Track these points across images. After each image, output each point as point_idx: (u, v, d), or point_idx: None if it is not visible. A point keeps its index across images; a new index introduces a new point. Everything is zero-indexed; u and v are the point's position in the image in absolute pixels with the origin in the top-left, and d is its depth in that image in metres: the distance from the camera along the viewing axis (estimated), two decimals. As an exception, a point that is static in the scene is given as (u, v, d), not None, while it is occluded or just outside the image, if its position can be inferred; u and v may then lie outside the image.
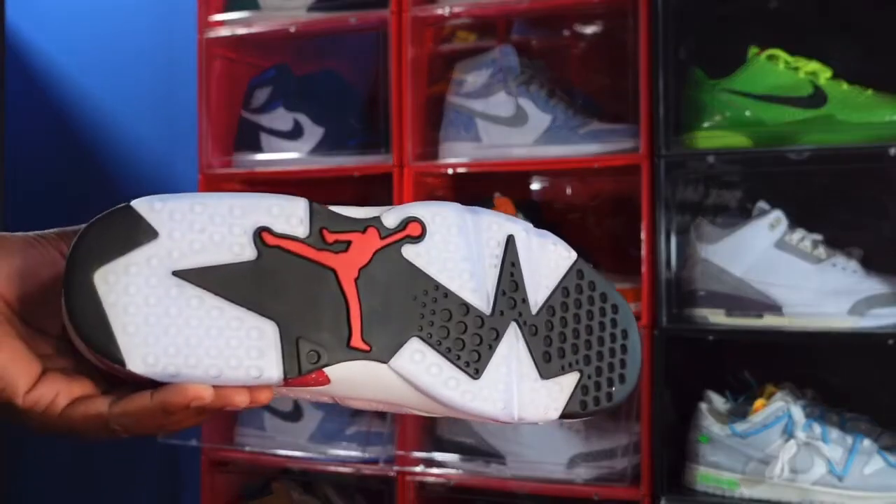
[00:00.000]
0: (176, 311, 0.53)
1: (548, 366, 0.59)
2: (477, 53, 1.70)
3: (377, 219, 0.57)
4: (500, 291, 0.58)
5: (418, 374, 0.56)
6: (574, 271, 0.60)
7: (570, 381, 0.59)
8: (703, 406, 1.47)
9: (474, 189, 1.72)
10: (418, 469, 1.63)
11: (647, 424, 1.48)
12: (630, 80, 1.54)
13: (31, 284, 0.57)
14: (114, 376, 0.57)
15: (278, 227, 0.55)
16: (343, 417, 1.73)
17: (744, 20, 1.64)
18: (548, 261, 0.60)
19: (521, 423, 0.59)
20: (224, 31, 1.79)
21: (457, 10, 1.64)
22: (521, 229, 0.60)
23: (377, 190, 1.72)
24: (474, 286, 0.58)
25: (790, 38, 1.53)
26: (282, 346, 0.54)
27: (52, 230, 0.60)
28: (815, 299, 1.44)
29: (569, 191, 1.80)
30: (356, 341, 0.55)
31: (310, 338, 0.54)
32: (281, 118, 1.79)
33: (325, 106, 1.80)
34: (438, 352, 0.57)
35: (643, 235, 1.49)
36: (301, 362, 0.54)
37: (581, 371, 0.59)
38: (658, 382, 1.48)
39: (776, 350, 1.58)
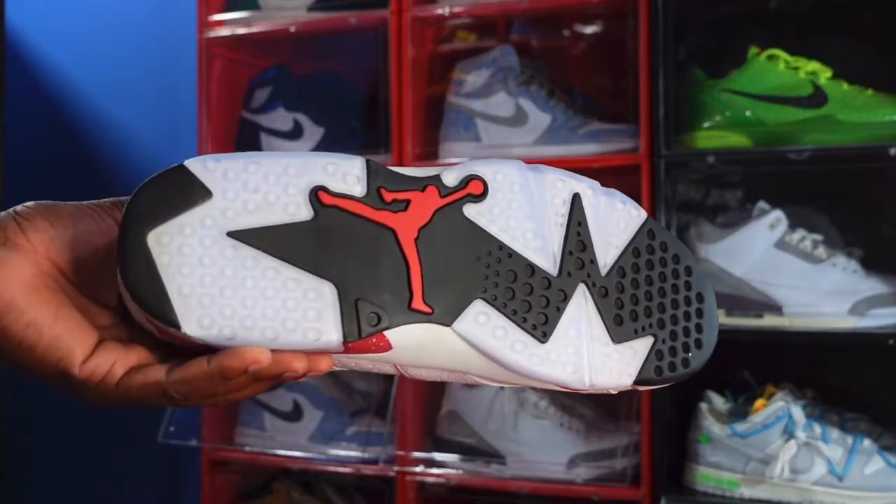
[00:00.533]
0: (231, 273, 0.52)
1: (620, 329, 0.56)
2: (477, 53, 1.70)
3: (437, 177, 0.55)
4: (566, 251, 0.56)
5: (483, 337, 0.54)
6: (644, 231, 0.58)
7: (643, 345, 0.56)
8: (703, 406, 1.47)
9: (474, 189, 1.72)
10: (418, 469, 1.63)
11: (647, 424, 1.48)
12: (630, 80, 1.54)
13: (86, 253, 0.56)
14: (170, 346, 0.56)
15: (334, 186, 0.54)
16: (343, 417, 1.73)
17: (744, 20, 1.64)
18: (616, 220, 0.57)
19: (592, 391, 0.56)
20: (224, 31, 1.79)
21: (457, 10, 1.64)
22: (588, 187, 0.57)
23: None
24: (539, 246, 0.55)
25: (790, 38, 1.53)
26: (341, 308, 0.52)
27: (107, 199, 0.59)
28: (815, 299, 1.44)
29: (569, 191, 1.80)
30: (418, 303, 0.53)
31: (370, 299, 0.52)
32: (281, 118, 1.79)
33: (325, 106, 1.80)
34: (504, 314, 0.54)
35: (643, 235, 1.49)
36: (361, 325, 0.52)
37: (655, 335, 0.56)
38: (658, 382, 1.47)
39: (776, 350, 1.58)
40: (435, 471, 1.63)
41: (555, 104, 1.62)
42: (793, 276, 1.45)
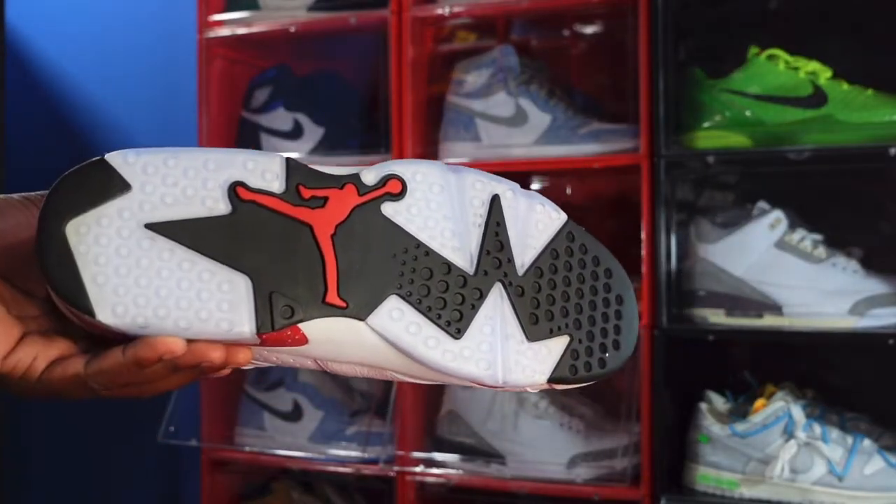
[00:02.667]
0: (147, 263, 0.53)
1: (535, 328, 0.57)
2: (477, 53, 1.70)
3: (356, 175, 0.56)
4: (484, 251, 0.57)
5: (397, 332, 0.55)
6: (564, 233, 0.59)
7: (558, 344, 0.57)
8: (703, 406, 1.47)
9: (474, 189, 1.72)
10: (418, 469, 1.63)
11: (647, 424, 1.48)
12: (630, 80, 1.54)
13: (15, 246, 0.57)
14: (96, 336, 0.57)
15: (253, 182, 0.55)
16: (343, 417, 1.73)
17: (744, 20, 1.64)
18: (536, 221, 0.59)
19: (507, 389, 0.57)
20: (224, 31, 1.79)
21: (457, 10, 1.64)
22: (508, 188, 0.59)
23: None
24: (457, 245, 0.57)
25: (790, 38, 1.53)
26: (254, 300, 0.53)
27: (37, 192, 0.60)
28: (815, 299, 1.44)
29: (569, 191, 1.80)
30: (332, 297, 0.54)
31: (284, 292, 0.54)
32: (281, 118, 1.79)
33: (325, 106, 1.80)
34: (418, 310, 0.55)
35: (643, 235, 1.49)
36: (274, 317, 0.53)
37: (571, 335, 0.57)
38: (658, 382, 1.48)
39: (776, 350, 1.59)
40: (435, 471, 1.63)
41: (555, 104, 1.62)
42: (793, 276, 1.45)
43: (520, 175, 1.77)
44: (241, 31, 1.77)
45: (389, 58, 1.66)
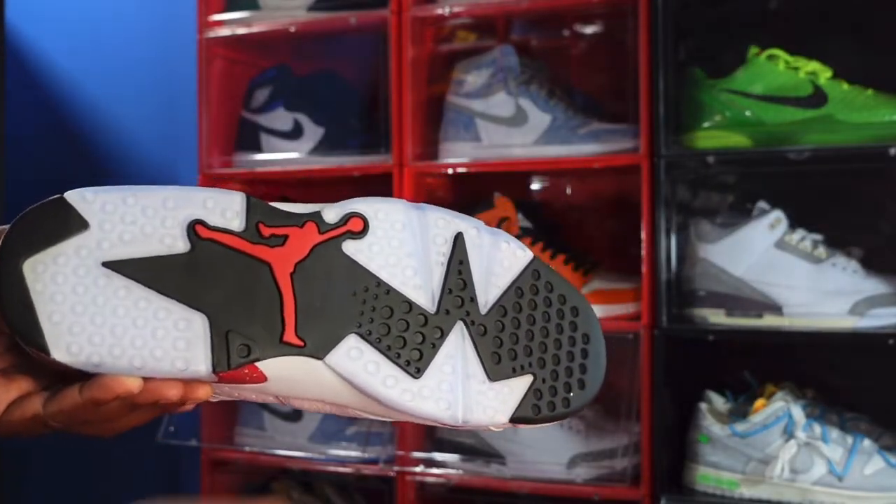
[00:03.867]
0: (103, 301, 0.53)
1: (497, 367, 0.56)
2: (477, 53, 1.70)
3: (317, 213, 0.56)
4: (446, 289, 0.56)
5: (355, 371, 0.54)
6: (530, 271, 0.58)
7: (521, 384, 0.56)
8: (703, 406, 1.47)
9: (474, 189, 1.72)
10: (418, 469, 1.63)
11: (647, 424, 1.48)
12: (630, 80, 1.54)
13: None
14: (58, 371, 0.56)
15: (213, 221, 0.54)
16: (343, 417, 1.73)
17: (744, 20, 1.64)
18: (501, 259, 0.58)
19: (468, 428, 0.56)
20: (224, 31, 1.79)
21: (457, 10, 1.64)
22: (472, 227, 0.58)
23: (377, 190, 1.71)
24: (418, 283, 0.56)
25: (790, 38, 1.53)
26: (211, 338, 0.53)
27: (5, 226, 0.60)
28: (815, 299, 1.44)
29: (569, 191, 1.80)
30: (289, 336, 0.54)
31: (241, 331, 0.53)
32: (281, 118, 1.79)
33: (325, 106, 1.80)
34: (377, 349, 0.55)
35: (643, 235, 1.49)
36: (231, 355, 0.53)
37: (535, 374, 0.56)
38: (658, 382, 1.47)
39: (776, 350, 1.58)
40: (435, 471, 1.63)
41: (555, 104, 1.62)
42: (793, 276, 1.45)
43: (520, 175, 1.77)
44: (241, 31, 1.77)
45: (389, 58, 1.66)
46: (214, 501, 1.62)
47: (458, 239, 0.57)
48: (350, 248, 0.56)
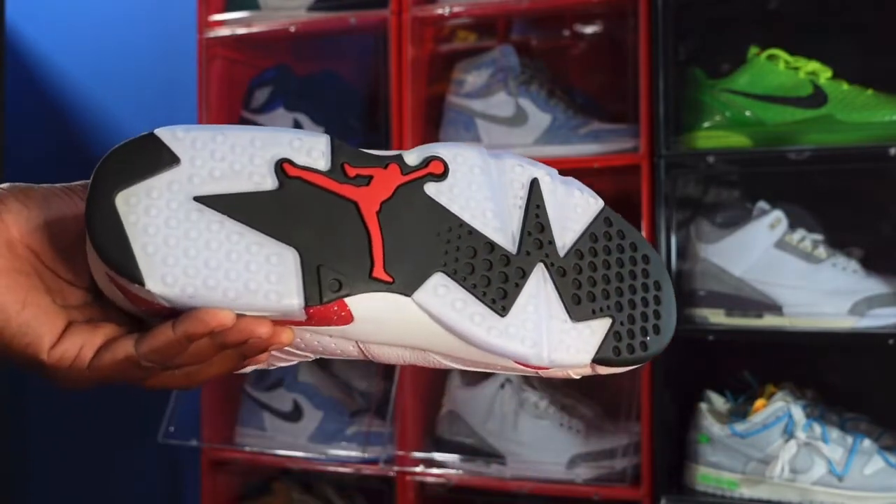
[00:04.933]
0: (196, 234, 0.53)
1: (577, 308, 0.57)
2: (477, 53, 1.70)
3: (399, 156, 0.57)
4: (525, 232, 0.57)
5: (443, 308, 0.55)
6: (602, 218, 0.59)
7: (601, 325, 0.57)
8: (703, 406, 1.47)
9: (474, 189, 1.72)
10: (418, 469, 1.63)
11: (647, 424, 1.48)
12: (630, 80, 1.54)
13: (59, 235, 0.57)
14: (139, 321, 0.57)
15: (299, 160, 0.55)
16: (343, 417, 1.73)
17: (744, 20, 1.64)
18: (574, 206, 0.59)
19: (552, 371, 0.57)
20: (224, 31, 1.79)
21: (457, 10, 1.64)
22: (546, 173, 0.59)
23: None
24: (498, 225, 0.57)
25: (790, 38, 1.53)
26: (302, 272, 0.53)
27: (78, 182, 0.60)
28: (815, 299, 1.44)
29: (569, 191, 1.80)
30: (378, 272, 0.54)
31: (331, 266, 0.54)
32: (281, 118, 1.79)
33: (325, 106, 1.80)
34: (463, 287, 0.55)
35: (643, 235, 1.49)
36: (322, 289, 0.53)
37: (613, 317, 0.57)
38: (658, 382, 1.48)
39: (776, 350, 1.59)
40: (435, 471, 1.63)
41: (555, 104, 1.62)
42: (793, 276, 1.45)
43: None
44: (241, 31, 1.77)
45: (389, 58, 1.66)
46: None
47: (534, 184, 0.58)
48: (432, 189, 0.57)
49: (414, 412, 1.67)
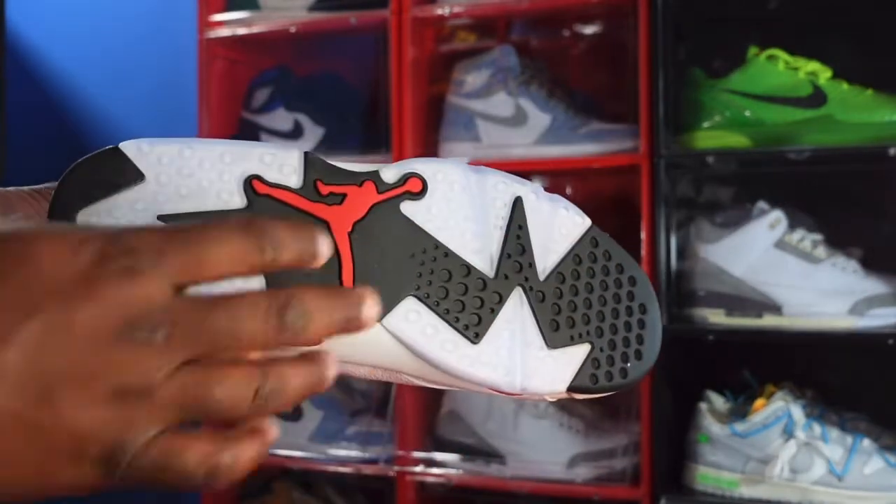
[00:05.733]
0: None
1: (555, 335, 0.55)
2: (477, 53, 1.70)
3: (375, 173, 0.55)
4: (504, 254, 0.55)
5: (413, 334, 0.53)
6: (588, 239, 0.57)
7: (579, 352, 0.55)
8: (703, 406, 1.47)
9: (474, 189, 1.72)
10: (418, 469, 1.63)
11: (647, 424, 1.48)
12: (630, 80, 1.54)
13: None
14: None
15: (270, 176, 0.53)
16: (343, 417, 1.73)
17: (744, 20, 1.64)
18: (559, 226, 0.57)
19: (525, 396, 0.55)
20: (224, 32, 1.79)
21: (457, 10, 1.64)
22: (531, 191, 0.57)
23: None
24: (477, 247, 0.55)
25: (790, 38, 1.53)
26: None
27: (45, 184, 0.59)
28: (815, 299, 1.44)
29: (569, 191, 1.80)
30: None
31: None
32: (281, 118, 1.79)
33: (325, 106, 1.81)
34: (436, 312, 0.54)
35: (643, 235, 1.49)
36: None
37: (592, 343, 0.55)
38: (658, 382, 1.48)
39: (776, 350, 1.59)
40: (435, 471, 1.63)
41: (555, 104, 1.62)
42: (792, 276, 1.45)
43: (520, 175, 1.76)
44: (241, 31, 1.78)
45: (389, 58, 1.66)
46: None
47: (517, 203, 0.56)
48: (408, 209, 0.55)
49: (414, 412, 1.67)
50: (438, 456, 1.63)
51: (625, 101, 1.57)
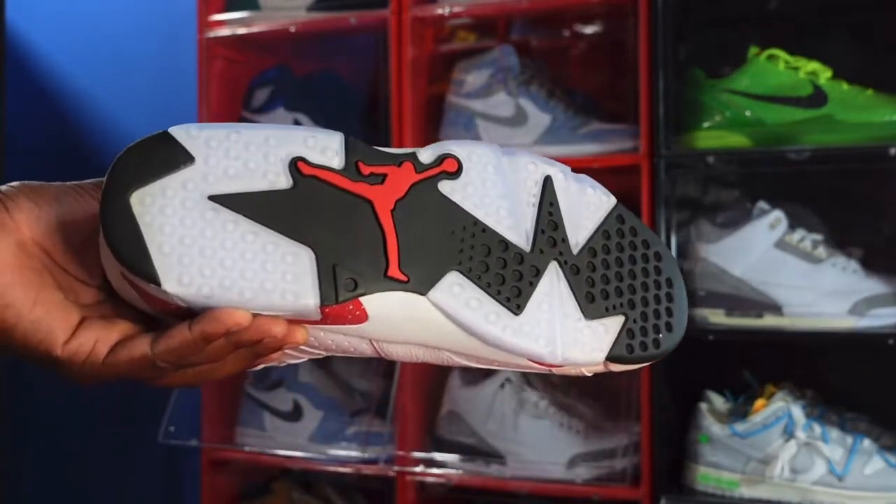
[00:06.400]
0: (211, 234, 0.53)
1: (591, 306, 0.57)
2: (477, 53, 1.70)
3: (413, 154, 0.57)
4: (538, 230, 0.57)
5: (458, 307, 0.55)
6: (614, 216, 0.59)
7: (615, 323, 0.57)
8: (703, 406, 1.47)
9: (474, 189, 1.72)
10: (418, 469, 1.63)
11: (647, 424, 1.48)
12: (630, 80, 1.54)
13: (70, 233, 0.57)
14: (153, 319, 0.57)
15: (313, 158, 0.55)
16: (343, 417, 1.73)
17: (744, 20, 1.64)
18: (587, 203, 0.59)
19: (566, 368, 0.57)
20: (224, 31, 1.79)
21: (457, 10, 1.64)
22: (559, 171, 0.59)
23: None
24: (512, 223, 0.57)
25: (790, 38, 1.53)
26: (318, 271, 0.53)
27: (88, 180, 0.60)
28: (815, 299, 1.44)
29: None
30: (393, 271, 0.54)
31: (346, 265, 0.54)
32: (281, 118, 1.79)
33: (325, 106, 1.80)
34: (478, 285, 0.55)
35: (643, 235, 1.49)
36: (338, 289, 0.53)
37: (626, 314, 0.58)
38: (658, 382, 1.48)
39: (776, 350, 1.58)
40: (435, 471, 1.63)
41: (555, 104, 1.62)
42: (793, 276, 1.45)
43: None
44: (241, 31, 1.77)
45: (389, 58, 1.66)
46: None
47: (548, 182, 0.59)
48: (446, 187, 0.57)
49: (414, 412, 1.67)
50: (438, 456, 1.63)
51: (625, 101, 1.57)
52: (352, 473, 1.69)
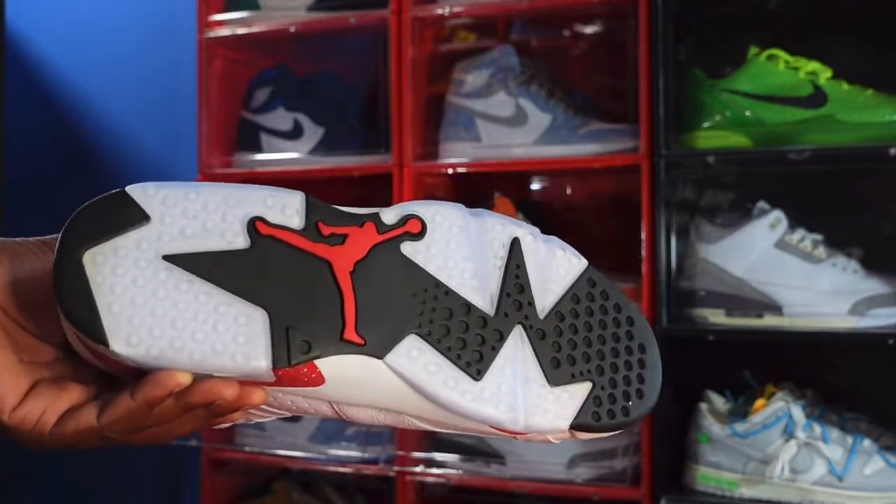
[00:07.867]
0: (163, 294, 0.52)
1: (556, 372, 0.55)
2: (477, 53, 1.70)
3: (375, 214, 0.56)
4: (504, 293, 0.56)
5: (415, 371, 0.54)
6: (585, 279, 0.58)
7: (581, 390, 0.56)
8: (703, 406, 1.47)
9: (474, 189, 1.72)
10: (418, 469, 1.63)
11: (648, 424, 1.48)
12: (630, 80, 1.54)
13: (29, 291, 0.56)
14: (111, 378, 0.56)
15: (273, 218, 0.54)
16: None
17: (744, 20, 1.64)
18: (556, 266, 0.57)
19: (529, 435, 0.55)
20: (224, 31, 1.79)
21: (457, 10, 1.64)
22: (528, 233, 0.58)
23: (377, 190, 1.72)
24: (477, 286, 0.56)
25: (790, 38, 1.53)
26: (271, 333, 0.52)
27: (53, 235, 0.59)
28: (815, 299, 1.44)
29: (569, 191, 1.80)
30: (350, 334, 0.53)
31: (301, 327, 0.52)
32: (281, 118, 1.79)
33: (325, 106, 1.80)
34: (437, 350, 0.54)
35: (643, 235, 1.49)
36: (291, 351, 0.52)
37: (593, 381, 0.56)
38: (658, 382, 1.47)
39: (776, 350, 1.59)
40: (435, 471, 1.63)
41: (555, 104, 1.62)
42: (793, 276, 1.45)
43: (520, 175, 1.77)
44: (241, 31, 1.77)
45: (389, 58, 1.66)
46: None
47: (515, 244, 0.57)
48: (408, 249, 0.56)
49: (414, 412, 1.67)
50: (438, 456, 1.63)
51: (625, 101, 1.57)
52: (352, 473, 1.69)
